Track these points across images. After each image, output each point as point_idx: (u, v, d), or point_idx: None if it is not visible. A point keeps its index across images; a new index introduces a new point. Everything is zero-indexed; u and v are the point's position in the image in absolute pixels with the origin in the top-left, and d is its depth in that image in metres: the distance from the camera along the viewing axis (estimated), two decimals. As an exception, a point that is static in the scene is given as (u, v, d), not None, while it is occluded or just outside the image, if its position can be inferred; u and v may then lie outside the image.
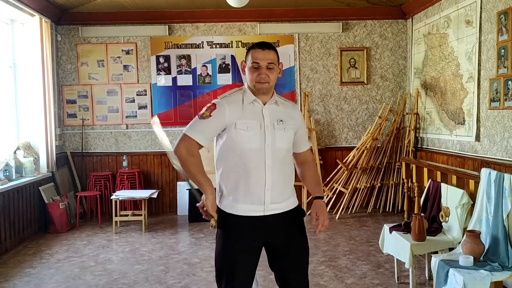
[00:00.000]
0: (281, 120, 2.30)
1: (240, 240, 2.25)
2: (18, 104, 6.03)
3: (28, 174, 5.66)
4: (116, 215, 5.87)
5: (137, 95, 6.83)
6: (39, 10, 5.83)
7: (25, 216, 5.51)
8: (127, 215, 6.23)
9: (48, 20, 6.09)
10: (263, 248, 2.37)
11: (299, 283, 2.36)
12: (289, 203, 2.34)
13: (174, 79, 6.82)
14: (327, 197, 6.57)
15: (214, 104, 2.25)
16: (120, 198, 5.88)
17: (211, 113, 2.22)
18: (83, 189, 6.73)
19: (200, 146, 2.23)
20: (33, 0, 5.62)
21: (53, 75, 6.34)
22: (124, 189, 6.41)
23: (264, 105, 2.29)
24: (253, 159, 2.23)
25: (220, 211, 2.28)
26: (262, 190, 2.24)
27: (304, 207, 6.58)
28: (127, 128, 6.86)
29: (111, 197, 5.88)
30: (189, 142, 2.21)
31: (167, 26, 6.74)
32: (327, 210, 6.44)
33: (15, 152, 5.72)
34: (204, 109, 2.26)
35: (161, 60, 6.80)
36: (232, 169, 2.25)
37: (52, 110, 6.13)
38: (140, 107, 6.84)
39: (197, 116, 2.26)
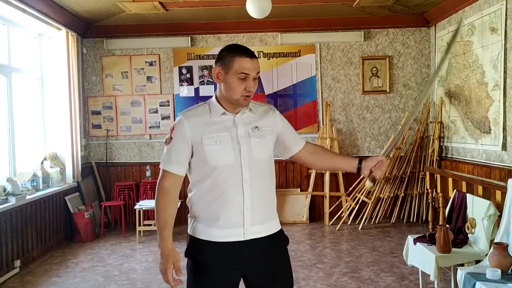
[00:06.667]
0: (257, 127, 2.02)
1: (215, 274, 1.94)
2: (45, 115, 6.18)
3: (55, 184, 5.79)
4: (139, 225, 5.94)
5: (160, 105, 6.93)
6: (66, 24, 5.99)
7: (52, 225, 5.62)
8: (150, 225, 6.28)
9: (74, 34, 6.25)
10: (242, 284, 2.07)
11: None
12: (272, 225, 2.05)
13: (197, 90, 6.89)
14: (349, 207, 6.52)
15: (174, 124, 2.01)
16: (143, 208, 5.94)
17: (171, 135, 1.97)
18: (107, 198, 6.84)
19: (179, 176, 2.00)
20: (60, 15, 5.78)
21: (78, 86, 6.47)
22: (147, 198, 6.47)
23: (236, 114, 2.02)
24: (228, 175, 1.95)
25: (191, 239, 2.01)
26: (241, 210, 1.94)
27: (326, 217, 6.54)
28: (150, 139, 6.95)
29: (135, 207, 5.95)
30: (166, 177, 1.99)
31: (189, 37, 6.83)
32: (350, 220, 6.44)
33: (42, 163, 5.85)
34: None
35: (184, 71, 6.89)
36: (206, 191, 1.98)
37: (77, 121, 6.26)
38: (163, 118, 6.93)
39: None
